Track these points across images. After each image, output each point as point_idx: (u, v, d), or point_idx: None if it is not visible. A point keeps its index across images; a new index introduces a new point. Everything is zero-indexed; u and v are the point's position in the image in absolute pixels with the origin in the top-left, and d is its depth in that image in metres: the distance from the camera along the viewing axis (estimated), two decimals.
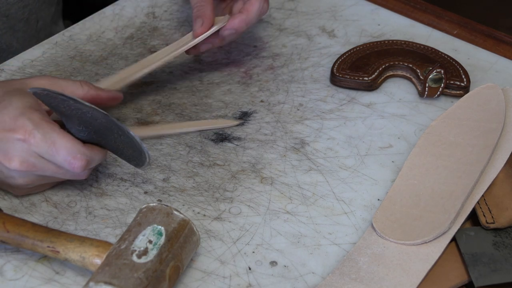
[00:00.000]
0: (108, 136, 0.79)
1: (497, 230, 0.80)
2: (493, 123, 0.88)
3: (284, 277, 0.77)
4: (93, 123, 0.78)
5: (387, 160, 0.90)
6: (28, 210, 0.83)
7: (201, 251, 0.79)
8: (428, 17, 1.12)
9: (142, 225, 0.74)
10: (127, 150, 0.80)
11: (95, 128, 0.79)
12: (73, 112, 0.78)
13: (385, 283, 0.75)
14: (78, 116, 0.78)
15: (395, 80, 1.01)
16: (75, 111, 0.78)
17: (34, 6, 1.14)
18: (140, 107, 0.96)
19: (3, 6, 1.09)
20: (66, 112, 0.79)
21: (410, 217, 0.81)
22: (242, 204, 0.84)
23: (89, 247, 0.74)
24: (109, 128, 0.78)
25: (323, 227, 0.82)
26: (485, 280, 0.75)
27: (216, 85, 1.00)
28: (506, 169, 0.85)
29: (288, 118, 0.95)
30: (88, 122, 0.78)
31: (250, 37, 1.08)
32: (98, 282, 0.70)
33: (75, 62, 1.02)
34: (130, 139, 0.78)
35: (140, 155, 0.79)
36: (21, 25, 1.13)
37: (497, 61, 1.04)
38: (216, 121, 0.94)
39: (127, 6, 1.12)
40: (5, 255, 0.78)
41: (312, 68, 1.03)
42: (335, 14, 1.12)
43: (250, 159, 0.90)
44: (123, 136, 0.78)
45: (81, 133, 0.79)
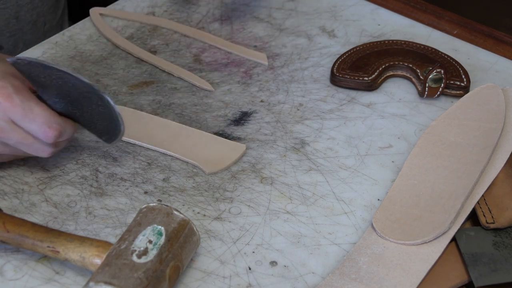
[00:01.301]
0: (85, 107, 0.80)
1: (497, 230, 0.80)
2: (493, 123, 0.88)
3: (284, 277, 0.77)
4: (72, 93, 0.78)
5: (387, 160, 0.90)
6: (28, 210, 0.83)
7: (201, 251, 0.79)
8: (428, 17, 1.12)
9: (142, 225, 0.74)
10: (102, 123, 0.80)
11: (73, 99, 0.79)
12: (53, 82, 0.78)
13: (385, 283, 0.75)
14: (58, 86, 0.78)
15: (395, 80, 1.01)
16: (56, 80, 0.78)
17: (42, 9, 1.15)
18: (140, 107, 0.96)
19: (13, 8, 1.10)
20: (46, 82, 0.78)
21: (410, 217, 0.81)
22: (242, 204, 0.84)
23: (89, 247, 0.74)
24: (89, 98, 0.78)
25: (323, 227, 0.82)
26: (485, 280, 0.75)
27: (216, 85, 1.00)
28: (506, 169, 0.85)
29: (288, 118, 0.95)
30: (67, 92, 0.78)
31: (250, 37, 1.08)
32: (98, 282, 0.70)
33: (75, 62, 1.02)
34: (109, 110, 0.79)
35: (115, 128, 0.79)
36: (29, 27, 1.14)
37: (497, 61, 1.04)
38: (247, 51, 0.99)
39: (127, 6, 1.12)
40: (5, 255, 0.78)
41: (312, 68, 1.03)
42: (335, 14, 1.12)
43: (250, 159, 0.90)
44: (101, 106, 0.79)
45: (57, 104, 0.80)
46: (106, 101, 0.78)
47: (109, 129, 0.80)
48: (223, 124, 0.94)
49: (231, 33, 1.08)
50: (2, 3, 1.09)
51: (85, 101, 0.79)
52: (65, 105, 0.80)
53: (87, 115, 0.80)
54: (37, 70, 0.79)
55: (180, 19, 1.11)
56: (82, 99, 0.79)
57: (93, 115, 0.80)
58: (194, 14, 1.12)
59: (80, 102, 0.79)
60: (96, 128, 0.81)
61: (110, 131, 0.80)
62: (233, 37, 1.08)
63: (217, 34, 1.08)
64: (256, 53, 1.04)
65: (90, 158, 0.89)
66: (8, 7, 1.10)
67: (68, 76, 0.77)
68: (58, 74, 0.77)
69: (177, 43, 1.07)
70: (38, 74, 0.79)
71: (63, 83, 0.78)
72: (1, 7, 1.09)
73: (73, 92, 0.78)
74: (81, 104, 0.79)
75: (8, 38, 1.12)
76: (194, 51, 1.05)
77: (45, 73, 0.78)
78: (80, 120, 0.82)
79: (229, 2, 1.13)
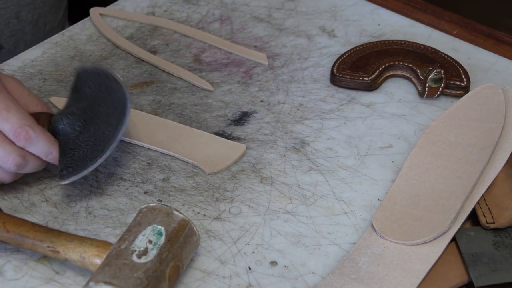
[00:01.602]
0: (91, 129, 0.80)
1: (497, 230, 0.80)
2: (493, 123, 0.88)
3: (284, 277, 0.77)
4: (101, 109, 0.80)
5: (387, 160, 0.90)
6: (28, 210, 0.83)
7: (201, 251, 0.79)
8: (428, 17, 1.12)
9: (142, 225, 0.74)
10: (90, 148, 0.80)
11: (93, 115, 0.80)
12: (97, 93, 0.80)
13: (385, 283, 0.75)
14: (97, 97, 0.80)
15: (395, 80, 1.01)
16: (102, 91, 0.80)
17: (43, 9, 1.15)
18: (140, 107, 0.96)
19: (14, 8, 1.10)
20: (87, 92, 0.81)
21: (410, 217, 0.81)
22: (242, 204, 0.84)
23: (89, 247, 0.74)
24: (109, 120, 0.79)
25: (323, 227, 0.82)
26: (485, 280, 0.75)
27: (216, 85, 1.00)
28: (506, 169, 0.85)
29: (288, 118, 0.95)
30: (98, 107, 0.80)
31: (250, 37, 1.08)
32: (98, 282, 0.70)
33: (75, 62, 1.02)
34: (110, 140, 0.80)
35: (90, 164, 0.80)
36: (30, 27, 1.14)
37: (497, 61, 1.04)
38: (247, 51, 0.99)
39: (127, 6, 1.12)
40: (5, 255, 0.78)
41: (312, 68, 1.03)
42: (335, 14, 1.12)
43: (250, 159, 0.90)
44: (110, 130, 0.80)
45: (71, 117, 0.81)
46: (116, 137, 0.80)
47: (88, 159, 0.81)
48: (223, 124, 0.94)
49: (231, 33, 1.08)
50: (3, 3, 1.09)
51: (102, 121, 0.80)
52: (77, 120, 0.81)
53: (85, 135, 0.81)
54: (96, 78, 0.81)
55: (180, 19, 1.11)
56: (101, 117, 0.81)
57: (93, 138, 0.80)
58: (194, 14, 1.12)
59: (95, 121, 0.81)
60: (77, 154, 0.81)
61: (87, 161, 0.81)
62: (233, 37, 1.08)
63: (217, 34, 1.08)
64: (256, 53, 1.04)
65: None
66: (9, 6, 1.10)
67: (120, 89, 0.81)
68: (113, 84, 0.81)
69: (177, 43, 1.07)
70: (92, 82, 0.81)
71: (105, 95, 0.81)
72: (2, 6, 1.09)
73: (102, 108, 0.80)
74: (93, 123, 0.80)
75: (8, 38, 1.12)
76: (194, 51, 1.05)
77: (101, 82, 0.81)
78: (73, 138, 0.82)
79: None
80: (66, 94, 0.97)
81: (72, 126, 0.82)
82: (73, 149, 0.81)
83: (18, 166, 0.79)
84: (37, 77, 0.99)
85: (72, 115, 0.82)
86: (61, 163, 0.81)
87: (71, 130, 0.82)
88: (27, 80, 0.99)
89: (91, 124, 0.82)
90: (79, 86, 0.84)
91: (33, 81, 0.99)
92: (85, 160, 0.80)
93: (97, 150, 0.80)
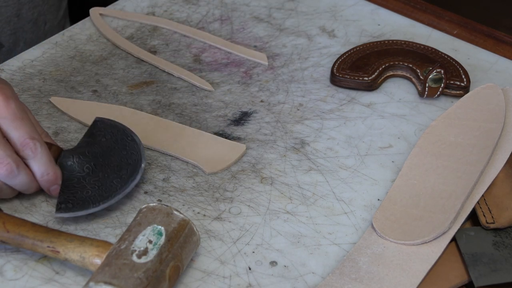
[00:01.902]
0: (100, 175, 0.81)
1: (497, 230, 0.80)
2: (493, 123, 0.88)
3: (284, 277, 0.77)
4: (112, 160, 0.81)
5: (387, 160, 0.90)
6: (28, 210, 0.82)
7: (201, 251, 0.79)
8: (428, 17, 1.12)
9: (142, 225, 0.74)
10: (94, 191, 0.81)
11: (104, 164, 0.81)
12: (111, 143, 0.82)
13: (385, 283, 0.75)
14: (111, 148, 0.82)
15: (395, 80, 1.01)
16: (117, 143, 0.82)
17: (43, 7, 1.15)
18: (140, 107, 0.96)
19: (15, 6, 1.10)
20: (101, 141, 0.83)
21: (410, 217, 0.81)
22: (242, 204, 0.84)
23: (89, 247, 0.74)
24: (120, 173, 0.82)
25: (323, 227, 0.82)
26: (485, 280, 0.75)
27: (216, 85, 1.00)
28: (506, 169, 0.85)
29: (288, 118, 0.95)
30: (110, 157, 0.82)
31: (250, 37, 1.08)
32: (98, 282, 0.70)
33: (75, 62, 1.02)
34: (118, 190, 0.81)
35: (91, 206, 0.80)
36: (29, 26, 1.14)
37: (497, 61, 1.04)
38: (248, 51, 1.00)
39: (127, 6, 1.12)
40: (5, 255, 0.78)
41: (312, 68, 1.03)
42: (335, 14, 1.12)
43: (250, 159, 0.90)
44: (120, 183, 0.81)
45: (81, 158, 0.82)
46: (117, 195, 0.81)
47: (91, 197, 0.81)
48: (223, 124, 0.94)
49: (231, 33, 1.08)
50: (4, 1, 1.09)
51: (112, 171, 0.81)
52: (87, 162, 0.82)
53: (91, 179, 0.81)
54: (113, 131, 0.83)
55: (180, 19, 1.11)
56: (112, 168, 0.81)
57: (99, 184, 0.81)
58: (194, 14, 1.12)
59: (106, 168, 0.81)
60: (84, 192, 0.81)
61: (91, 198, 0.81)
62: (233, 37, 1.08)
63: (217, 34, 1.08)
64: (256, 53, 1.04)
65: None
66: (10, 4, 1.10)
67: (137, 148, 0.82)
68: (130, 142, 0.83)
69: (177, 43, 1.07)
70: (109, 133, 0.83)
71: (120, 149, 0.82)
72: (3, 4, 1.09)
73: (114, 160, 0.82)
74: (102, 170, 0.81)
75: (9, 36, 1.12)
76: (194, 51, 1.05)
77: (118, 136, 0.83)
78: (78, 179, 0.82)
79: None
80: (66, 94, 0.97)
81: (81, 166, 0.82)
82: (77, 187, 0.81)
83: (10, 172, 0.78)
84: (37, 77, 0.99)
85: (83, 156, 0.82)
86: (61, 196, 0.80)
87: (79, 170, 0.82)
88: (27, 80, 0.99)
89: (101, 170, 0.82)
90: (95, 133, 0.84)
91: (33, 81, 0.99)
92: (87, 201, 0.80)
93: (101, 196, 0.80)
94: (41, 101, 0.96)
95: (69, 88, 0.98)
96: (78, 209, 0.79)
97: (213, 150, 0.89)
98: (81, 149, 0.83)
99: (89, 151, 0.83)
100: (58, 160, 0.82)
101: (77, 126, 0.93)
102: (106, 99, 0.97)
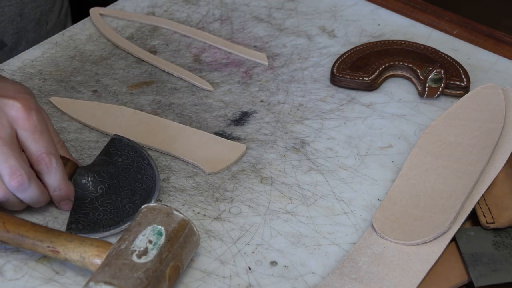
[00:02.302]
0: (115, 196, 0.81)
1: (497, 230, 0.80)
2: (493, 123, 0.88)
3: (284, 277, 0.77)
4: (127, 182, 0.81)
5: (387, 160, 0.90)
6: (28, 210, 0.82)
7: (201, 251, 0.79)
8: (428, 17, 1.12)
9: (142, 225, 0.74)
10: (106, 215, 0.80)
11: (117, 185, 0.81)
12: (127, 165, 0.82)
13: (385, 283, 0.75)
14: (126, 170, 0.82)
15: (395, 80, 1.01)
16: (132, 165, 0.83)
17: (45, 7, 1.15)
18: (140, 107, 0.96)
19: (18, 6, 1.10)
20: (117, 161, 0.83)
21: (410, 217, 0.81)
22: (242, 204, 0.84)
23: (89, 247, 0.74)
24: (133, 195, 0.82)
25: (323, 227, 0.82)
26: (485, 280, 0.75)
27: (216, 85, 1.00)
28: (506, 169, 0.85)
29: (288, 118, 0.95)
30: (125, 178, 0.81)
31: (250, 37, 1.08)
32: (98, 282, 0.70)
33: (75, 62, 1.02)
34: (130, 217, 0.80)
35: (101, 230, 0.80)
36: (32, 25, 1.14)
37: (497, 61, 1.04)
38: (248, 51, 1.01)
39: (127, 6, 1.12)
40: (5, 255, 0.78)
41: (312, 68, 1.03)
42: (335, 14, 1.12)
43: (250, 159, 0.90)
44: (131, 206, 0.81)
45: (97, 184, 0.81)
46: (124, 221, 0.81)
47: (102, 220, 0.81)
48: (223, 124, 0.94)
49: (231, 33, 1.08)
50: (7, 0, 1.09)
51: (125, 195, 0.81)
52: (102, 183, 0.81)
53: (103, 201, 0.81)
54: (130, 152, 0.84)
55: (180, 19, 1.11)
56: (125, 191, 0.81)
57: (111, 208, 0.81)
58: (194, 14, 1.12)
59: (119, 191, 0.81)
60: (96, 214, 0.81)
61: (102, 221, 0.80)
62: (233, 37, 1.08)
63: (217, 34, 1.08)
64: (256, 53, 1.04)
65: (90, 158, 0.88)
66: (13, 4, 1.10)
67: (152, 174, 0.82)
68: (146, 167, 0.83)
69: (177, 43, 1.07)
70: (126, 154, 0.84)
71: (135, 172, 0.82)
72: (7, 4, 1.09)
73: (128, 183, 0.81)
74: (116, 192, 0.81)
75: (11, 36, 1.12)
76: (194, 51, 1.05)
77: (134, 158, 0.83)
78: (91, 199, 0.82)
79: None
80: (66, 94, 0.97)
81: (95, 186, 0.81)
82: (89, 208, 0.80)
83: (21, 184, 0.77)
84: (37, 77, 0.99)
85: (98, 176, 0.82)
86: (72, 215, 0.80)
87: (93, 189, 0.81)
88: (27, 80, 0.99)
89: (114, 193, 0.82)
90: (111, 151, 0.84)
91: (33, 81, 0.99)
92: (98, 224, 0.79)
93: (112, 220, 0.80)
94: (41, 101, 0.96)
95: (69, 88, 0.98)
96: (88, 232, 0.79)
97: (213, 150, 0.89)
98: (96, 167, 0.83)
99: (104, 170, 0.82)
100: (73, 177, 0.81)
101: (77, 126, 0.93)
102: (106, 99, 0.97)
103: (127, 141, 0.85)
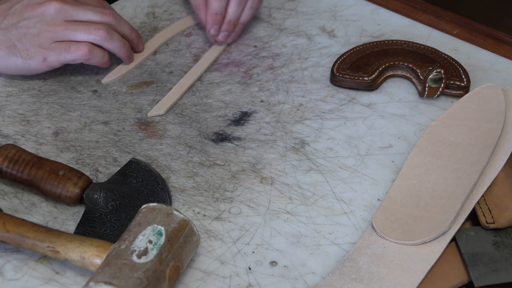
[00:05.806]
0: (125, 214, 0.81)
1: (497, 230, 0.80)
2: (493, 123, 0.88)
3: (284, 277, 0.77)
4: (138, 203, 0.82)
5: (387, 160, 0.90)
6: (28, 210, 0.83)
7: (201, 251, 0.79)
8: (428, 17, 1.12)
9: (142, 225, 0.74)
10: (113, 231, 0.80)
11: (129, 205, 0.81)
12: (141, 188, 0.83)
13: (385, 283, 0.75)
14: (139, 192, 0.83)
15: (395, 80, 1.01)
16: (146, 188, 0.83)
17: None
18: (140, 107, 0.96)
19: None
20: (131, 182, 0.83)
21: (410, 217, 0.81)
22: (242, 204, 0.84)
23: (89, 247, 0.74)
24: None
25: (323, 227, 0.82)
26: (485, 280, 0.75)
27: (216, 85, 1.00)
28: (506, 169, 0.85)
29: (288, 118, 0.95)
30: (137, 200, 0.82)
31: (250, 37, 1.08)
32: (98, 282, 0.70)
33: None
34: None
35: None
36: None
37: (497, 61, 1.04)
38: None
39: (127, 6, 1.12)
40: (5, 255, 0.78)
41: (312, 68, 1.03)
42: (335, 14, 1.12)
43: (250, 159, 0.90)
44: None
45: (108, 200, 0.81)
46: None
47: (109, 236, 0.80)
48: (223, 124, 0.94)
49: None
50: None
51: (134, 213, 0.81)
52: (113, 200, 0.82)
53: (112, 217, 0.81)
54: (145, 175, 0.84)
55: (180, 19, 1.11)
56: (135, 211, 0.81)
57: (119, 225, 0.81)
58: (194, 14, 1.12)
59: (130, 211, 0.81)
60: (103, 229, 0.81)
61: (108, 237, 0.80)
62: None
63: None
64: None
65: (90, 158, 0.89)
66: None
67: (166, 198, 0.83)
68: (159, 191, 0.83)
69: (177, 43, 1.07)
70: (141, 176, 0.84)
71: (148, 194, 0.83)
72: None
73: (139, 203, 0.82)
74: (126, 210, 0.81)
75: None
76: (194, 51, 1.05)
77: (149, 181, 0.84)
78: (100, 214, 0.82)
79: None
80: (66, 94, 0.97)
81: (106, 202, 0.81)
82: (97, 222, 0.80)
83: (107, 33, 0.94)
84: (37, 77, 0.99)
85: (111, 193, 0.82)
86: (79, 227, 0.80)
87: (103, 205, 0.81)
88: (27, 80, 0.99)
89: (124, 211, 0.81)
90: (127, 173, 0.84)
91: (33, 81, 0.99)
92: (103, 238, 0.79)
93: (118, 236, 0.79)
94: (41, 101, 0.96)
95: (69, 88, 0.98)
96: None
97: None
98: (110, 185, 0.83)
99: (117, 189, 0.82)
100: (86, 191, 0.82)
101: (77, 126, 0.93)
102: (106, 99, 0.97)
103: (144, 165, 0.85)
